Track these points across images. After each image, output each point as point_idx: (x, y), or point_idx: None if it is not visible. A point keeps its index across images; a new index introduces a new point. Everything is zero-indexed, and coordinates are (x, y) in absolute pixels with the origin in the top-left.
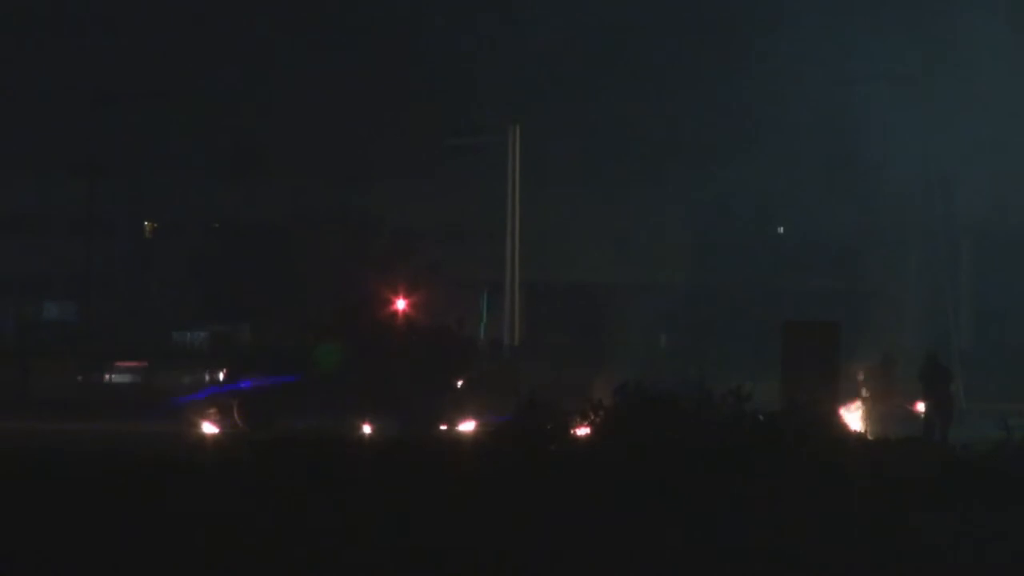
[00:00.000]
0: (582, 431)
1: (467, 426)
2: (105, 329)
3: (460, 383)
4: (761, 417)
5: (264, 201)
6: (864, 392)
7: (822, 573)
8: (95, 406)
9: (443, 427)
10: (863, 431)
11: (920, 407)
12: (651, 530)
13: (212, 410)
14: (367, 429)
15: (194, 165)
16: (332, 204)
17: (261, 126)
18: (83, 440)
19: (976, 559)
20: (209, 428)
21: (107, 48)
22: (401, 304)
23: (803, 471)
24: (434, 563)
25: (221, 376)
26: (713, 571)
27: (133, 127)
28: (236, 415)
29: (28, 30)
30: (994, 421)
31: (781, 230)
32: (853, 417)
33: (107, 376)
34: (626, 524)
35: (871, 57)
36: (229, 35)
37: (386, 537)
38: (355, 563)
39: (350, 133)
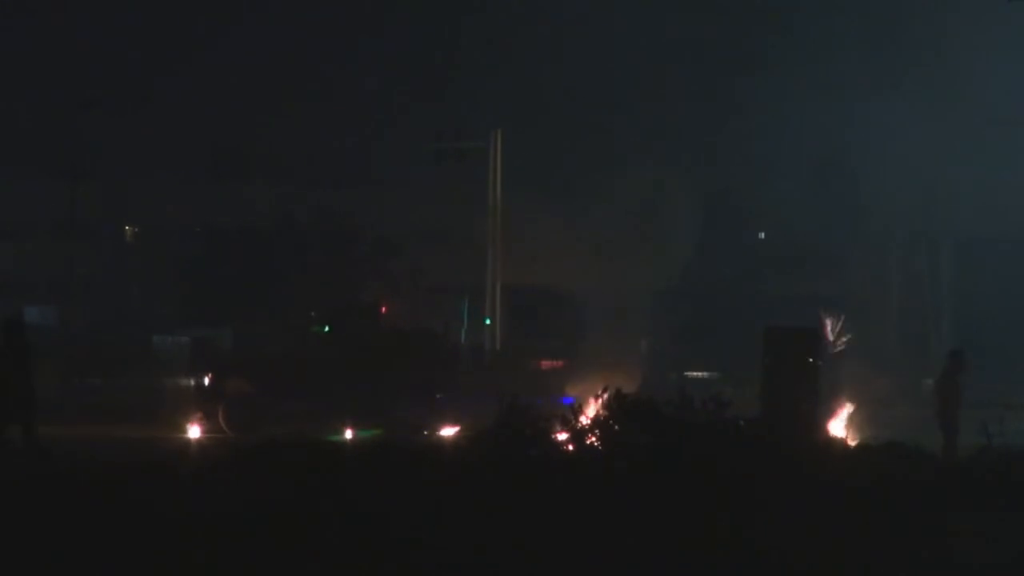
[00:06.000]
0: (563, 436)
1: (449, 431)
2: (86, 333)
3: (443, 388)
4: (742, 423)
5: (246, 205)
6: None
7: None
8: (76, 410)
9: (425, 432)
10: (845, 437)
11: None
12: (636, 533)
13: (198, 414)
14: (349, 434)
15: (176, 169)
16: (314, 209)
17: (243, 130)
18: (71, 443)
19: (956, 565)
20: (193, 432)
21: (88, 50)
22: (384, 309)
23: (782, 476)
24: (416, 566)
25: (206, 380)
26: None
27: (114, 130)
28: (221, 420)
29: (8, 32)
30: (975, 427)
31: (762, 235)
32: (836, 423)
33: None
34: (607, 527)
35: (856, 62)
36: (213, 38)
37: (369, 540)
38: (338, 567)
39: (332, 138)
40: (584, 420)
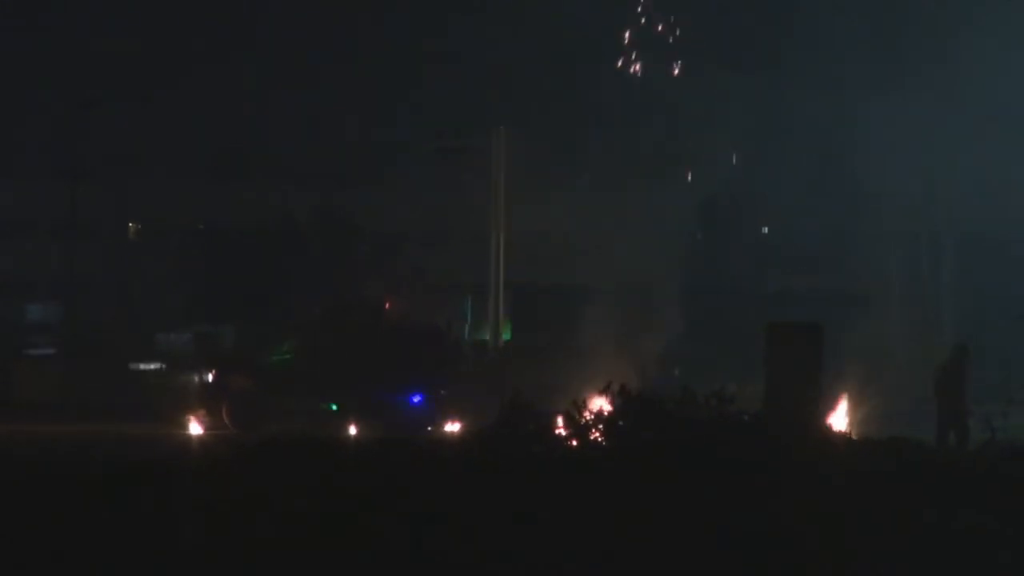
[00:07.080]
0: (566, 432)
1: (452, 427)
2: (88, 332)
3: (446, 385)
4: (745, 418)
5: (248, 203)
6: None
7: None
8: (78, 408)
9: (428, 428)
10: (847, 432)
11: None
12: (639, 530)
13: (200, 411)
14: (353, 430)
15: (178, 167)
16: (316, 207)
17: (245, 128)
18: (68, 441)
19: (956, 561)
20: (195, 429)
21: (89, 49)
22: (387, 306)
23: (784, 470)
24: (418, 564)
25: (210, 377)
26: (705, 570)
27: (116, 129)
28: (225, 416)
29: (8, 32)
30: (979, 422)
31: (765, 230)
32: (838, 418)
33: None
34: (610, 525)
35: (854, 59)
36: (212, 37)
37: (371, 538)
38: (339, 565)
39: (333, 136)
40: (587, 416)
